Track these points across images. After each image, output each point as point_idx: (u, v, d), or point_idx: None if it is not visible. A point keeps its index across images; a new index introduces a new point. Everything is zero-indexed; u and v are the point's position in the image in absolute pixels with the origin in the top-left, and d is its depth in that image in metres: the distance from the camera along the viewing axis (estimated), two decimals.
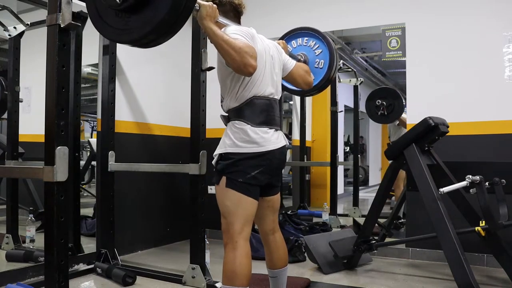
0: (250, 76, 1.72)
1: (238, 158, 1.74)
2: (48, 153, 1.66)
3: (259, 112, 1.78)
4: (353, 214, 4.71)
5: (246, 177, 1.75)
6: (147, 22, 1.46)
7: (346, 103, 5.83)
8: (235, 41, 1.63)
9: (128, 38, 1.57)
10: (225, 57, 1.65)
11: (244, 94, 1.77)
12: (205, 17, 1.65)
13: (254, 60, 1.65)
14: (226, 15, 1.88)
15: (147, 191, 3.67)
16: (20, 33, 3.19)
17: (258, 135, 1.76)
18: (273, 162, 1.81)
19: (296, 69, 2.03)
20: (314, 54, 2.59)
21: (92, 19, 1.62)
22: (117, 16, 1.52)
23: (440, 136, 2.65)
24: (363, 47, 5.52)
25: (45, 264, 1.69)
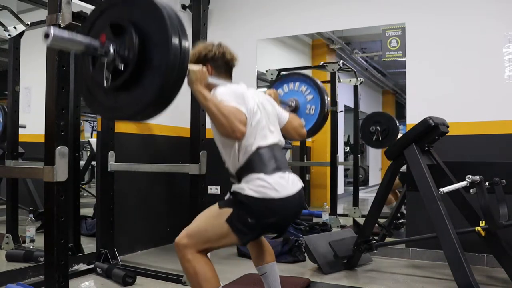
0: (238, 140, 1.70)
1: (256, 202, 1.67)
2: (48, 153, 1.66)
3: (267, 161, 1.74)
4: (353, 214, 4.71)
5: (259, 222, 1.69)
6: (136, 102, 1.43)
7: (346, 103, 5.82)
8: (224, 106, 1.63)
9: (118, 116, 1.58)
10: (213, 121, 1.65)
11: (247, 150, 1.74)
12: (195, 82, 1.64)
13: (242, 125, 1.64)
14: (217, 70, 1.89)
15: (147, 191, 3.67)
16: (20, 33, 3.19)
17: (276, 181, 1.70)
18: (291, 209, 1.77)
19: (290, 122, 2.04)
20: (305, 99, 2.63)
21: (83, 95, 1.60)
22: (106, 94, 1.49)
23: (440, 136, 2.65)
24: (363, 47, 5.52)
25: (45, 264, 1.69)
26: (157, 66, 1.38)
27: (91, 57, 1.50)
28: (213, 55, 1.89)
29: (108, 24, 1.45)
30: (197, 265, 1.66)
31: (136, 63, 1.39)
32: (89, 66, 1.51)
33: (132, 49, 1.39)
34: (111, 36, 1.43)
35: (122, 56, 1.42)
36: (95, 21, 1.53)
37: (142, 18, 1.41)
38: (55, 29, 1.29)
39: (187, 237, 1.69)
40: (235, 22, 4.12)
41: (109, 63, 1.42)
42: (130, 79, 1.41)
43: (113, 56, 1.42)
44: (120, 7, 1.49)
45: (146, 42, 1.40)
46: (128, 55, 1.40)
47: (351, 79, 5.06)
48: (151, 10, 1.40)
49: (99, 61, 1.46)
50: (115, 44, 1.42)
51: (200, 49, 1.91)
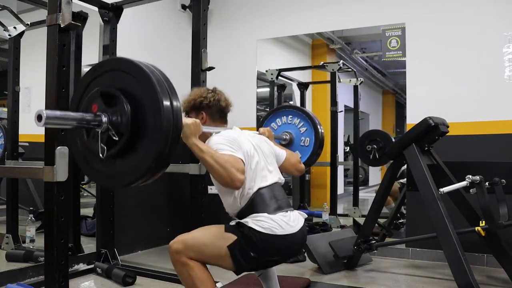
0: (237, 189, 1.71)
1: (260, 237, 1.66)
2: (48, 153, 1.66)
3: (269, 201, 1.75)
4: (353, 214, 4.70)
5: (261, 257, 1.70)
6: (134, 170, 1.44)
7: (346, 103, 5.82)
8: (220, 156, 1.64)
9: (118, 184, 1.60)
10: (212, 172, 1.66)
11: (248, 193, 1.75)
12: (189, 136, 1.66)
13: (240, 173, 1.65)
14: (212, 117, 1.92)
15: (147, 191, 3.66)
16: (20, 33, 3.19)
17: (279, 220, 1.70)
18: (294, 246, 1.78)
19: (288, 159, 2.06)
20: (299, 132, 2.65)
21: (80, 164, 1.61)
22: (102, 162, 1.49)
23: (440, 136, 2.65)
24: (363, 47, 5.51)
25: (45, 264, 1.69)
26: (151, 132, 1.39)
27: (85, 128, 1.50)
28: (207, 103, 1.91)
29: (99, 94, 1.46)
30: (190, 269, 1.68)
31: (129, 131, 1.40)
32: (84, 136, 1.52)
33: (124, 117, 1.41)
34: (102, 106, 1.45)
35: (115, 125, 1.42)
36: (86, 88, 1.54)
37: (131, 84, 1.43)
38: (47, 111, 1.31)
39: (182, 244, 1.72)
40: (235, 22, 4.12)
41: (103, 133, 1.43)
42: (126, 147, 1.42)
43: (107, 126, 1.43)
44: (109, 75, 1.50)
45: (138, 108, 1.41)
46: (121, 123, 1.41)
47: (351, 79, 5.06)
48: (140, 76, 1.42)
49: (93, 131, 1.47)
50: (107, 113, 1.44)
51: (195, 96, 1.93)
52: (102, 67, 1.57)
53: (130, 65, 1.47)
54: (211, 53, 2.69)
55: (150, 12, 3.78)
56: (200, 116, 1.93)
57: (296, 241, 1.76)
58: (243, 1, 4.14)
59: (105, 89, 1.46)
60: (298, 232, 1.75)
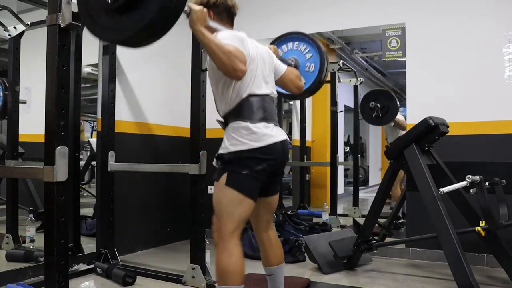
0: (239, 79, 1.73)
1: (241, 155, 1.74)
2: (48, 153, 1.66)
3: (256, 109, 1.78)
4: (353, 214, 4.71)
5: (252, 170, 1.74)
6: (137, 22, 1.46)
7: (346, 103, 5.82)
8: (225, 45, 1.65)
9: (118, 37, 1.57)
10: (215, 60, 1.67)
11: (239, 95, 1.78)
12: (195, 22, 1.65)
13: (243, 64, 1.67)
14: (219, 16, 1.91)
15: (147, 191, 3.66)
16: (20, 33, 3.19)
17: (260, 130, 1.76)
18: (277, 156, 1.80)
19: (287, 74, 2.05)
20: (304, 58, 2.60)
21: (84, 19, 1.62)
22: (107, 16, 1.52)
23: (440, 136, 2.65)
24: (363, 47, 5.52)
25: (45, 264, 1.69)
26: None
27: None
28: (215, 1, 1.90)
29: None
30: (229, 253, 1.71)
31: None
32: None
33: None
34: None
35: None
36: None
37: None
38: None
39: (216, 225, 1.77)
40: (235, 23, 4.10)
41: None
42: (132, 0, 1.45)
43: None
44: None
45: None
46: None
47: (351, 79, 5.06)
48: None
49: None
50: None
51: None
52: None
53: None
54: None
55: None
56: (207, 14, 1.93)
57: (277, 151, 1.79)
58: (243, 2, 4.10)
59: None
60: (277, 143, 1.78)
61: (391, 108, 4.68)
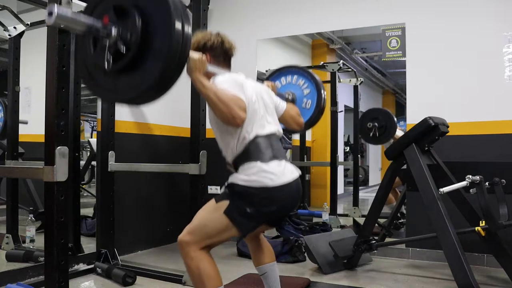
0: (238, 127, 1.70)
1: (253, 192, 1.67)
2: (48, 153, 1.66)
3: (264, 149, 1.74)
4: (353, 214, 4.71)
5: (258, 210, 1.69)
6: (137, 86, 1.42)
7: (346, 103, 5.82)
8: (223, 93, 1.63)
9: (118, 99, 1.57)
10: (213, 109, 1.65)
11: (245, 139, 1.74)
12: (194, 70, 1.64)
13: (242, 111, 1.65)
14: (216, 59, 1.89)
15: (147, 191, 3.67)
16: (20, 33, 3.19)
17: (273, 169, 1.70)
18: (290, 196, 1.75)
19: (287, 111, 2.04)
20: (302, 93, 2.62)
21: (83, 78, 1.60)
22: (106, 77, 1.48)
23: (440, 136, 2.65)
24: (363, 47, 5.52)
25: (45, 264, 1.69)
26: (158, 51, 1.38)
27: (93, 38, 1.49)
28: (211, 44, 1.89)
29: (111, 6, 1.45)
30: (200, 262, 1.66)
31: (138, 46, 1.39)
32: (90, 48, 1.50)
33: (134, 32, 1.39)
34: (114, 19, 1.43)
35: (124, 39, 1.41)
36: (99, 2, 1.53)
37: (145, 1, 1.41)
38: (59, 8, 1.29)
39: (188, 234, 1.70)
40: (235, 22, 4.12)
41: (111, 45, 1.42)
42: (131, 63, 1.41)
43: (115, 38, 1.41)
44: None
45: (148, 25, 1.40)
46: (131, 38, 1.40)
47: (351, 79, 5.06)
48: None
49: (100, 43, 1.46)
50: (117, 26, 1.42)
51: (199, 38, 1.90)
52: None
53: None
54: None
55: None
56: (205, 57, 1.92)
57: (290, 191, 1.74)
58: (243, 1, 4.14)
59: (118, 2, 1.44)
60: (292, 182, 1.74)
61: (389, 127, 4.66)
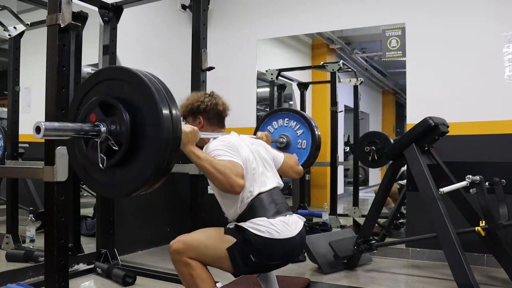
0: (238, 194, 1.70)
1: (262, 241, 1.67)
2: (48, 153, 1.66)
3: (268, 205, 1.75)
4: (353, 214, 4.70)
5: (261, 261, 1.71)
6: (134, 179, 1.43)
7: (346, 103, 5.82)
8: (218, 163, 1.64)
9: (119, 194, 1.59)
10: (211, 179, 1.66)
11: (247, 199, 1.75)
12: (186, 144, 1.65)
13: (240, 178, 1.65)
14: (209, 121, 1.92)
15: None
16: (20, 33, 3.18)
17: (278, 223, 1.71)
18: (294, 249, 1.78)
19: (285, 162, 2.06)
20: (295, 134, 2.65)
21: (80, 175, 1.61)
22: (102, 172, 1.48)
23: (440, 136, 2.65)
24: (363, 47, 5.52)
25: (45, 264, 1.69)
26: (150, 142, 1.38)
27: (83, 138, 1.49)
28: (205, 107, 1.91)
29: (97, 103, 1.45)
30: (192, 267, 1.69)
31: (129, 141, 1.39)
32: (82, 147, 1.51)
33: (123, 126, 1.40)
34: (101, 115, 1.44)
35: (114, 135, 1.42)
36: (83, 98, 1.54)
37: (130, 93, 1.42)
38: (45, 123, 1.31)
39: (183, 244, 1.73)
40: (235, 22, 4.12)
41: (102, 143, 1.42)
42: (125, 157, 1.41)
43: (105, 136, 1.42)
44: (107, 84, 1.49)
45: (136, 118, 1.40)
46: (120, 133, 1.41)
47: (351, 79, 5.06)
48: (137, 84, 1.41)
49: (91, 141, 1.46)
50: (106, 123, 1.43)
51: (192, 101, 1.93)
52: (99, 75, 1.56)
53: (128, 73, 1.45)
54: (211, 53, 2.69)
55: (150, 12, 3.77)
56: (198, 120, 1.93)
57: (296, 245, 1.77)
58: (243, 1, 4.14)
59: (103, 98, 1.45)
60: (297, 235, 1.76)
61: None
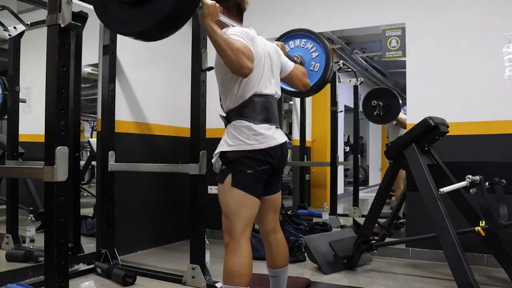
0: (245, 77, 1.73)
1: (245, 155, 1.75)
2: (48, 153, 1.66)
3: (259, 110, 1.80)
4: (353, 214, 4.71)
5: (256, 170, 1.76)
6: (151, 16, 1.45)
7: (346, 103, 5.83)
8: (233, 42, 1.65)
9: (130, 30, 1.56)
10: (222, 56, 1.66)
11: (244, 94, 1.79)
12: (206, 16, 1.64)
13: (250, 62, 1.66)
14: (229, 11, 1.90)
15: (147, 191, 3.66)
16: (20, 33, 3.19)
17: (262, 131, 1.78)
18: (277, 158, 1.82)
19: (294, 71, 2.07)
20: (310, 56, 2.60)
21: (96, 9, 1.61)
22: (121, 7, 1.51)
23: (440, 136, 2.65)
24: (363, 47, 5.52)
25: (45, 264, 1.69)
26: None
27: None
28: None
29: None
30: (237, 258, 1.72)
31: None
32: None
33: None
34: None
35: None
36: None
37: None
38: None
39: (226, 221, 1.77)
40: None
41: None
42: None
43: None
44: None
45: None
46: None
47: (351, 79, 5.06)
48: None
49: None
50: None
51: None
52: None
53: None
54: (211, 53, 2.69)
55: None
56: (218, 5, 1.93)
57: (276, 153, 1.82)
58: None
59: None
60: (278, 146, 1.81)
61: (393, 107, 4.68)
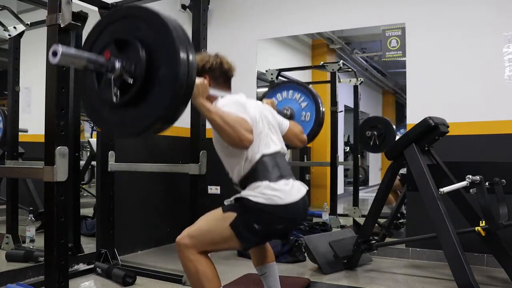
0: (246, 149, 1.70)
1: (263, 209, 1.67)
2: (48, 153, 1.66)
3: (271, 168, 1.74)
4: (353, 214, 4.70)
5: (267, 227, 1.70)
6: (145, 118, 1.41)
7: (346, 103, 5.82)
8: (228, 116, 1.63)
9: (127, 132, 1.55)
10: (220, 133, 1.65)
11: (251, 160, 1.74)
12: (197, 96, 1.64)
13: (249, 133, 1.64)
14: (216, 80, 1.89)
15: (147, 191, 3.66)
16: (20, 33, 3.19)
17: (281, 187, 1.71)
18: (298, 214, 1.77)
19: (290, 129, 2.06)
20: (299, 106, 2.64)
21: (89, 114, 1.58)
22: (112, 111, 1.46)
23: (440, 136, 2.65)
24: (363, 47, 5.52)
25: (45, 264, 1.69)
26: (165, 81, 1.35)
27: (96, 75, 1.47)
28: (210, 66, 1.89)
29: (113, 40, 1.42)
30: (199, 264, 1.67)
31: (143, 76, 1.36)
32: (94, 83, 1.48)
33: (139, 64, 1.37)
34: (115, 52, 1.41)
35: (128, 72, 1.39)
36: (98, 36, 1.51)
37: (147, 32, 1.38)
38: (63, 47, 1.28)
39: (188, 237, 1.70)
40: (235, 22, 4.12)
41: (116, 78, 1.40)
42: (138, 94, 1.39)
43: (120, 71, 1.40)
44: (123, 22, 1.46)
45: (152, 56, 1.37)
46: (135, 70, 1.38)
47: (351, 79, 5.06)
48: (157, 23, 1.37)
49: (104, 78, 1.43)
50: (121, 59, 1.40)
51: (197, 61, 1.91)
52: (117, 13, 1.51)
53: (147, 12, 1.41)
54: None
55: None
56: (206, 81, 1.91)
57: (298, 210, 1.75)
58: (243, 1, 4.14)
59: (119, 35, 1.42)
60: (300, 200, 1.75)
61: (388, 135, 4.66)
